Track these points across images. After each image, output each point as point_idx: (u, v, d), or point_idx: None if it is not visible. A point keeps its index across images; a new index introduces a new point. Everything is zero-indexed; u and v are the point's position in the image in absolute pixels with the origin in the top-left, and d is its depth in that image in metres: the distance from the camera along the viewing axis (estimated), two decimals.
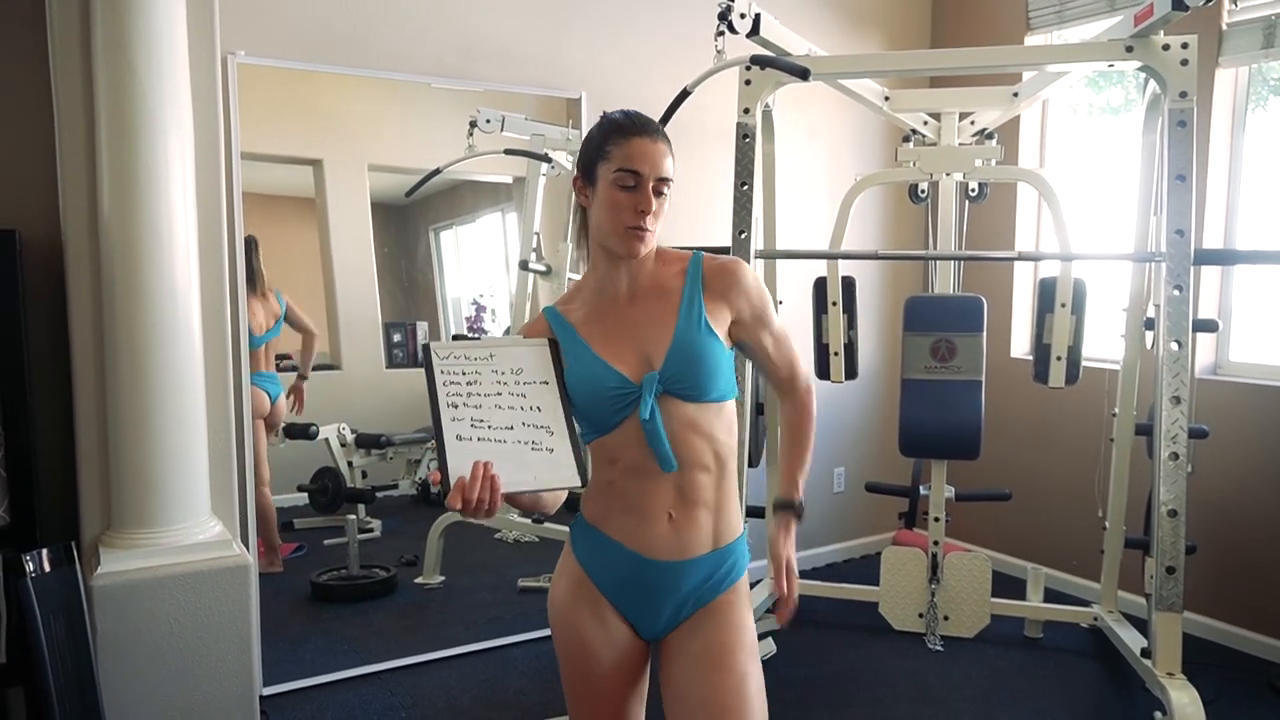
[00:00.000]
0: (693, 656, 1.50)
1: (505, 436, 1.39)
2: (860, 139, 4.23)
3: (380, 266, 3.53)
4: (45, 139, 2.48)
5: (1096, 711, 2.99)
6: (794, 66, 2.73)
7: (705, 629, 1.51)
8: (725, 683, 1.48)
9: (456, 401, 1.39)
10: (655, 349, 1.48)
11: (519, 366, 1.46)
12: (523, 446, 1.40)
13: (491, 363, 1.45)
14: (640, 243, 1.47)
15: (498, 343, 1.51)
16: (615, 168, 1.45)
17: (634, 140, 1.45)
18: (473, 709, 2.94)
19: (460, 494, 1.31)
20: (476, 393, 1.41)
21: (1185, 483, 2.61)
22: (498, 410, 1.41)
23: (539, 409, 1.43)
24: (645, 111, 1.53)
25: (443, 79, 3.30)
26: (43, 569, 2.17)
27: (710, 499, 1.51)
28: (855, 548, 4.46)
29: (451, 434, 1.37)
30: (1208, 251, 3.13)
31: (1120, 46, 2.73)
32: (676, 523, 1.49)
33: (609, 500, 1.52)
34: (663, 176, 1.46)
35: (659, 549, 1.49)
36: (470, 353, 1.45)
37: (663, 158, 1.46)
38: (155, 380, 2.32)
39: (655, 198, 1.46)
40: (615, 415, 1.47)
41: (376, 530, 3.61)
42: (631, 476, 1.48)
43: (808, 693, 3.08)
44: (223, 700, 2.41)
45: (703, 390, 1.48)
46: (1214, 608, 3.49)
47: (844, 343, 3.47)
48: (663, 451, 1.45)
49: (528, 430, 1.41)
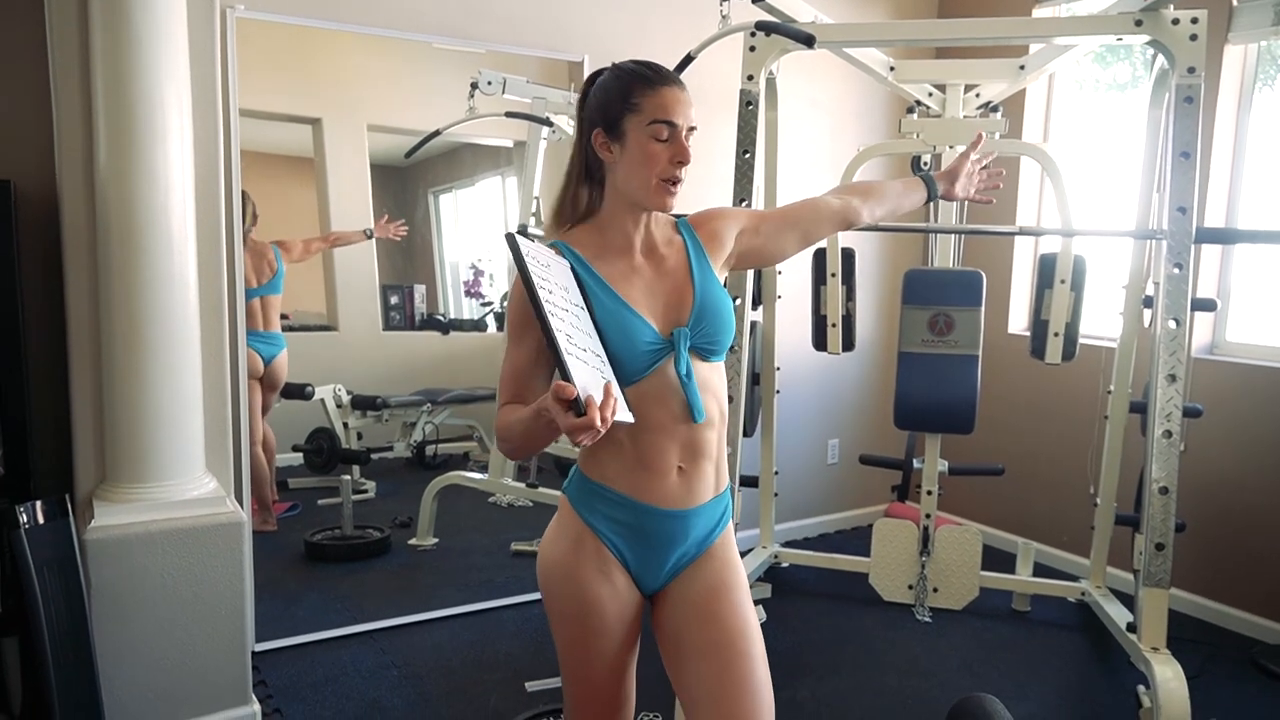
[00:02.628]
0: (696, 597, 1.53)
1: (588, 359, 1.31)
2: (864, 109, 4.19)
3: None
4: (41, 89, 2.45)
5: (1081, 684, 3.02)
6: (799, 33, 2.70)
7: (704, 572, 1.55)
8: (730, 617, 1.51)
9: (553, 310, 1.26)
10: (680, 304, 1.49)
11: (565, 284, 1.37)
12: (598, 372, 1.32)
13: (553, 274, 1.34)
14: (672, 194, 1.47)
15: (546, 253, 1.37)
16: (649, 119, 1.43)
17: (663, 90, 1.44)
18: (463, 669, 2.97)
19: (599, 414, 1.22)
20: (556, 303, 1.29)
21: (1178, 461, 2.62)
22: (576, 330, 1.32)
23: (591, 335, 1.37)
24: None
25: (445, 38, 3.26)
26: (36, 521, 2.17)
27: (714, 452, 1.55)
28: (847, 519, 4.48)
29: (564, 349, 1.23)
30: (1209, 230, 3.11)
31: (1129, 20, 2.70)
32: (686, 474, 1.51)
33: (617, 457, 1.50)
34: (693, 125, 1.47)
35: (669, 499, 1.51)
36: (540, 256, 1.33)
37: (690, 106, 1.46)
38: (150, 334, 2.32)
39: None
40: (644, 369, 1.45)
41: (371, 491, 3.62)
42: (644, 431, 1.47)
43: (796, 661, 3.11)
44: (215, 655, 2.43)
45: (722, 345, 1.52)
46: (1200, 585, 3.52)
47: (842, 314, 3.46)
48: (696, 403, 1.47)
49: (593, 356, 1.34)
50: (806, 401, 4.18)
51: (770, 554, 3.71)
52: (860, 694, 2.90)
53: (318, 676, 2.90)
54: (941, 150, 3.39)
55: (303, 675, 2.90)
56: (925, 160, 3.64)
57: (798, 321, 3.72)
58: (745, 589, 1.57)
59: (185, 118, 2.37)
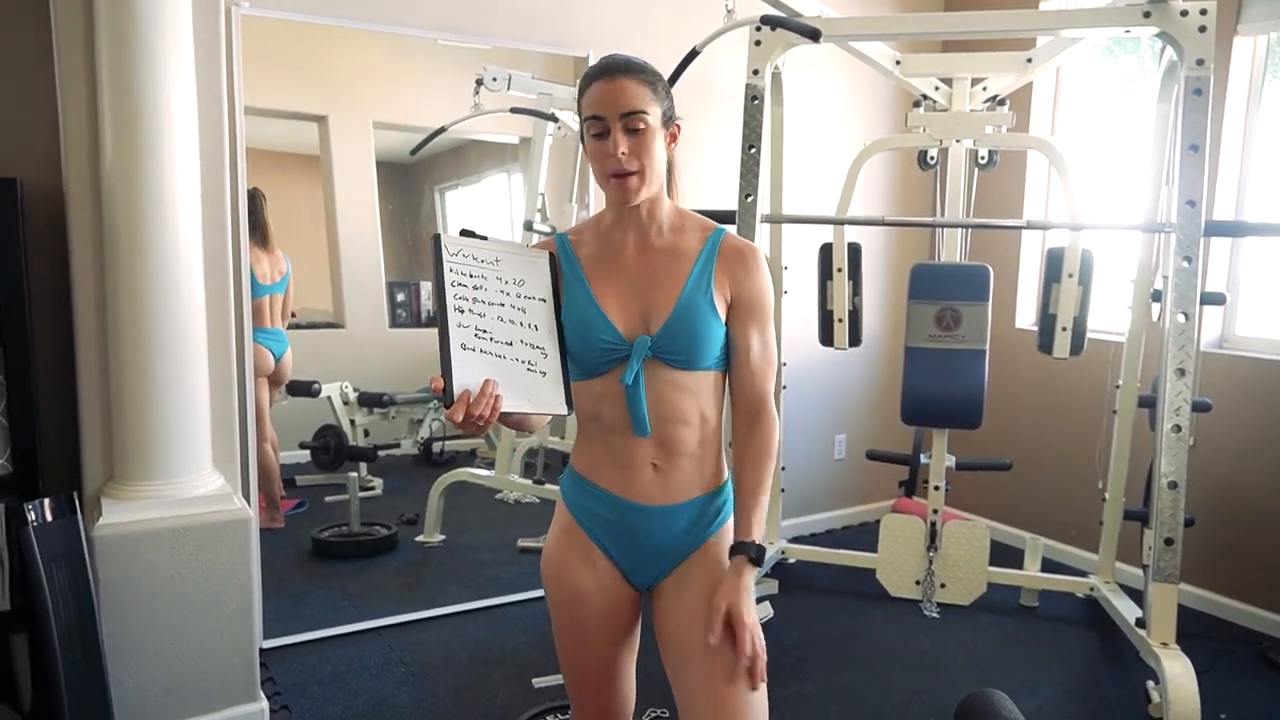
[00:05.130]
0: (687, 598, 1.51)
1: (505, 352, 1.35)
2: (870, 103, 4.18)
3: (385, 225, 3.51)
4: (47, 87, 2.46)
5: (1090, 679, 3.01)
6: (804, 27, 2.69)
7: (697, 571, 1.52)
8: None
9: (463, 306, 1.33)
10: (656, 311, 1.45)
11: (521, 278, 1.41)
12: (519, 365, 1.37)
13: (497, 269, 1.39)
14: (626, 188, 1.41)
15: (503, 247, 1.43)
16: (586, 117, 1.42)
17: (593, 86, 1.41)
18: (470, 666, 2.97)
19: (464, 407, 1.30)
20: (481, 299, 1.36)
21: (1186, 455, 2.61)
22: (500, 323, 1.36)
23: (536, 327, 1.40)
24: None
25: (450, 34, 3.26)
26: (45, 518, 2.18)
27: (694, 450, 1.51)
28: (854, 515, 4.47)
29: (456, 341, 1.32)
30: (1218, 223, 3.10)
31: (1137, 12, 2.68)
32: (662, 471, 1.50)
33: (596, 452, 1.53)
34: (628, 111, 1.38)
35: (647, 495, 1.50)
36: (479, 253, 1.38)
37: (622, 93, 1.38)
38: (157, 331, 2.32)
39: (629, 135, 1.39)
40: (601, 366, 1.46)
41: (378, 488, 3.62)
42: (613, 431, 1.49)
43: (803, 657, 3.10)
44: (223, 651, 2.43)
45: (693, 360, 1.46)
46: (1208, 580, 3.50)
47: (848, 309, 3.45)
48: (638, 415, 1.45)
49: (524, 349, 1.37)
50: (813, 397, 4.18)
51: (777, 550, 3.71)
52: (868, 690, 2.89)
53: (325, 673, 2.91)
54: (948, 144, 3.38)
55: (310, 672, 2.91)
56: (932, 156, 3.63)
57: (804, 317, 3.70)
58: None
59: (190, 115, 2.37)
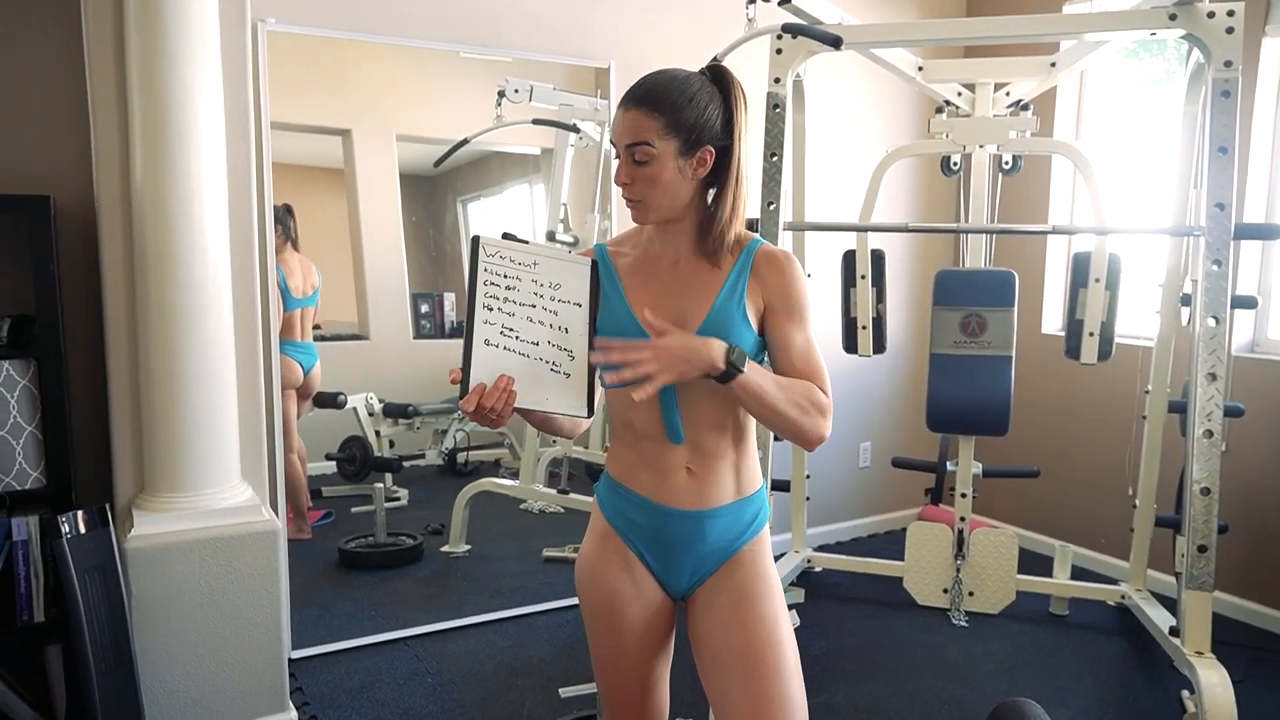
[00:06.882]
0: (721, 606, 1.51)
1: (529, 351, 1.39)
2: (892, 110, 4.17)
3: (408, 237, 3.54)
4: (79, 105, 2.50)
5: (1122, 689, 2.97)
6: (826, 35, 2.68)
7: (732, 579, 1.52)
8: (756, 628, 1.48)
9: (492, 304, 1.38)
10: (689, 319, 1.47)
11: (558, 282, 1.44)
12: (543, 365, 1.40)
13: (533, 271, 1.42)
14: (636, 211, 1.47)
15: (544, 251, 1.45)
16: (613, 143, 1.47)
17: (617, 114, 1.45)
18: (496, 675, 2.97)
19: (477, 399, 1.33)
20: (512, 299, 1.40)
21: (1219, 461, 2.57)
22: (528, 323, 1.40)
23: (566, 330, 1.43)
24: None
25: (471, 47, 3.28)
26: (78, 530, 2.21)
27: (729, 454, 1.52)
28: (881, 523, 4.44)
29: (480, 337, 1.36)
30: (1248, 226, 3.06)
31: (1163, 14, 2.66)
32: (696, 475, 1.50)
33: (631, 457, 1.54)
34: (633, 142, 1.41)
35: (681, 499, 1.50)
36: (516, 256, 1.42)
37: (630, 124, 1.41)
38: (186, 345, 2.35)
39: (634, 165, 1.42)
40: None
41: (403, 499, 3.64)
42: (646, 437, 1.50)
43: (830, 666, 3.08)
44: (252, 661, 2.45)
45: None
46: (1243, 587, 3.45)
47: (872, 316, 3.44)
48: (671, 422, 1.47)
49: (551, 349, 1.41)
50: (837, 404, 4.10)
51: (803, 558, 3.69)
52: (895, 699, 2.87)
53: (353, 683, 2.92)
54: (971, 150, 3.36)
55: (338, 682, 2.93)
56: (955, 161, 3.61)
57: (828, 324, 3.69)
58: (776, 599, 1.53)
59: (218, 131, 2.40)
